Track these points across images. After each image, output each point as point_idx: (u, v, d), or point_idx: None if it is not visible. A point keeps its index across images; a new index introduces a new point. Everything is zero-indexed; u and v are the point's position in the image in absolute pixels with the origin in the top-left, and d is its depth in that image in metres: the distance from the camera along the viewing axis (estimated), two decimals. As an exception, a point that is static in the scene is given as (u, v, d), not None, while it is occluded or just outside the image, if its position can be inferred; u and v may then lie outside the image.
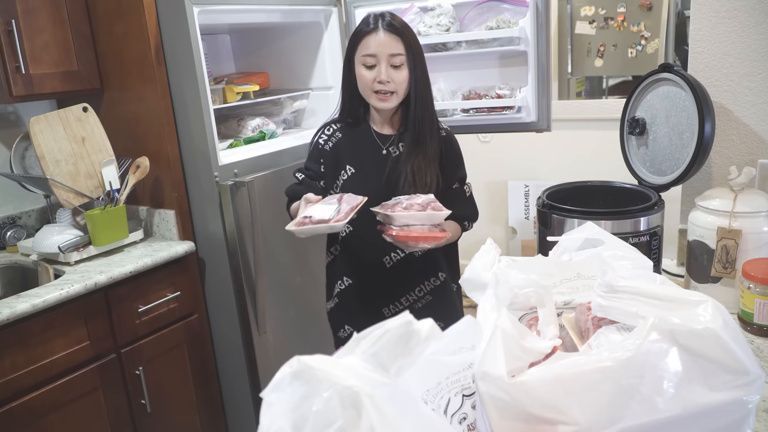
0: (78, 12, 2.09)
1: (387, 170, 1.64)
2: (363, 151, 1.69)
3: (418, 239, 1.45)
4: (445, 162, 1.68)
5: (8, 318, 1.63)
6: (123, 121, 2.18)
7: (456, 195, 1.70)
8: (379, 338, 0.56)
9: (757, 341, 1.24)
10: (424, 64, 1.64)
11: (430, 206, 1.46)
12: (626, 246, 0.86)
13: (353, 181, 1.68)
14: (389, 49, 1.56)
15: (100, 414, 1.89)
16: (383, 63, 1.57)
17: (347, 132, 1.72)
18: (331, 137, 1.73)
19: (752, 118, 1.61)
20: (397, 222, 1.45)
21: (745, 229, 1.38)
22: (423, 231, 1.45)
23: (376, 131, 1.70)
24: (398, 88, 1.59)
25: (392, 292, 1.73)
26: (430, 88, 1.68)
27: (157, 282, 2.05)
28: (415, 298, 1.73)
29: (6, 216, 2.25)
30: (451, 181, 1.70)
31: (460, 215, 1.69)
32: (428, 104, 1.65)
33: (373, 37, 1.57)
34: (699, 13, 1.64)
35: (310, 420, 0.51)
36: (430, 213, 1.44)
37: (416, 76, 1.60)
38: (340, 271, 1.78)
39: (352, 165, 1.69)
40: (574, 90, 3.33)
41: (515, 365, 0.62)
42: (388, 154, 1.67)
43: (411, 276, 1.71)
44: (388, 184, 1.63)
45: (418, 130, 1.64)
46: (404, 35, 1.58)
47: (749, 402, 0.59)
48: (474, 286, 0.85)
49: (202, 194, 2.14)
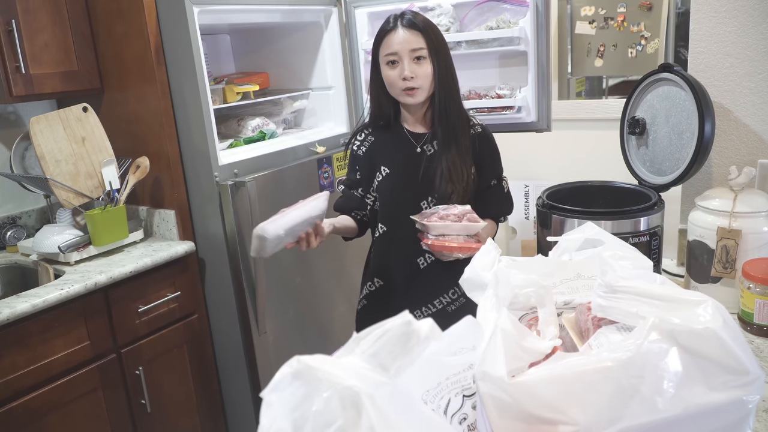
0: (78, 12, 2.09)
1: (422, 168, 1.64)
2: (397, 152, 1.68)
3: (452, 249, 1.49)
4: (482, 158, 1.66)
5: (8, 318, 1.63)
6: (123, 121, 2.18)
7: (495, 193, 1.70)
8: (379, 338, 0.56)
9: (757, 341, 1.24)
10: (448, 58, 1.62)
11: (466, 217, 1.49)
12: (626, 246, 0.86)
13: (388, 181, 1.68)
14: (409, 44, 1.56)
15: (100, 414, 1.89)
16: (406, 59, 1.56)
17: (379, 135, 1.72)
18: (363, 142, 1.74)
19: (752, 118, 1.61)
20: (433, 231, 1.49)
21: (745, 229, 1.38)
22: (458, 241, 1.49)
23: (409, 130, 1.69)
24: (423, 82, 1.58)
25: (425, 294, 1.69)
26: (457, 83, 1.66)
27: (157, 282, 2.05)
28: (449, 300, 1.68)
29: (6, 216, 2.25)
30: (490, 177, 1.68)
31: (497, 212, 1.71)
32: (455, 98, 1.63)
33: (393, 36, 1.57)
34: (699, 13, 1.64)
35: (310, 420, 0.51)
36: (466, 224, 1.48)
37: (440, 70, 1.58)
38: (372, 272, 1.76)
39: (386, 166, 1.68)
40: (574, 90, 3.33)
41: (515, 365, 0.62)
42: (423, 152, 1.66)
43: (445, 278, 1.66)
44: (424, 182, 1.63)
45: (448, 125, 1.62)
46: (424, 30, 1.56)
47: (749, 402, 0.59)
48: (474, 286, 0.85)
49: (202, 194, 2.14)
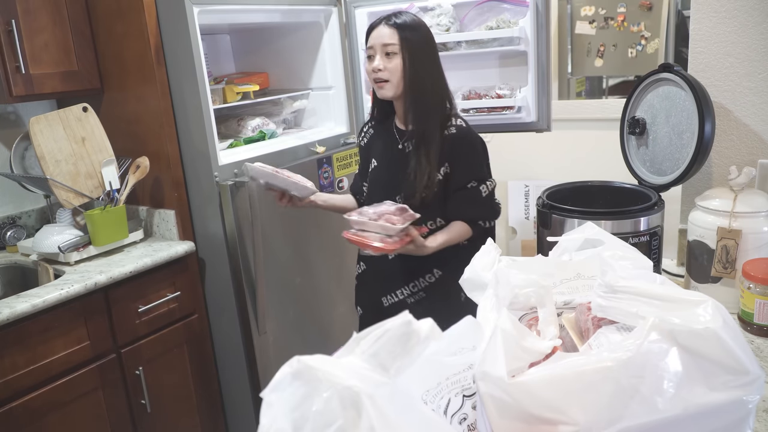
0: (78, 12, 2.09)
1: (400, 165, 1.72)
2: (385, 146, 1.80)
3: (365, 245, 1.58)
4: (455, 160, 1.67)
5: (8, 318, 1.63)
6: (123, 121, 2.18)
7: (468, 195, 1.69)
8: (379, 338, 0.56)
9: (757, 341, 1.24)
10: (424, 58, 1.65)
11: (384, 218, 1.57)
12: (626, 246, 0.86)
13: (375, 173, 1.82)
14: (382, 39, 1.64)
15: (100, 414, 1.89)
16: (378, 53, 1.65)
17: (377, 128, 1.86)
18: (365, 135, 1.90)
19: (752, 118, 1.61)
20: (354, 226, 1.61)
21: (745, 229, 1.38)
22: (372, 238, 1.57)
23: (398, 127, 1.78)
24: (391, 76, 1.64)
25: (391, 284, 1.80)
26: (438, 84, 1.68)
27: (157, 282, 2.05)
28: (409, 292, 1.78)
29: (6, 216, 2.25)
30: (463, 179, 1.68)
31: (471, 215, 1.69)
32: (426, 98, 1.65)
33: (374, 32, 1.67)
34: (699, 13, 1.64)
35: (310, 420, 0.51)
36: (382, 224, 1.56)
37: (410, 67, 1.62)
38: (359, 257, 1.92)
39: (376, 159, 1.82)
40: (574, 90, 3.33)
41: (515, 365, 0.62)
42: (403, 149, 1.74)
43: (407, 271, 1.76)
44: (402, 177, 1.70)
45: (418, 123, 1.66)
46: (400, 28, 1.63)
47: (749, 402, 0.59)
48: (474, 286, 0.85)
49: (202, 194, 2.14)
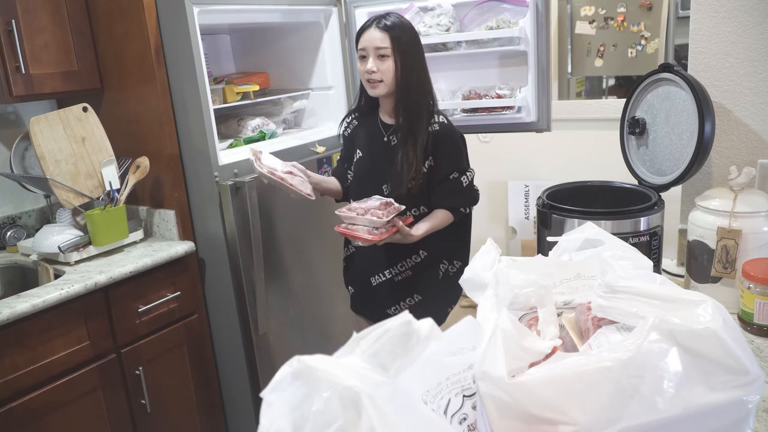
0: (78, 12, 2.09)
1: (385, 156, 1.83)
2: (370, 138, 1.89)
3: (355, 237, 1.70)
4: (438, 155, 1.80)
5: (8, 318, 1.63)
6: (123, 121, 2.18)
7: (451, 185, 1.82)
8: (379, 338, 0.56)
9: (757, 341, 1.24)
10: (415, 59, 1.77)
11: (370, 212, 1.68)
12: (626, 246, 0.86)
13: (360, 164, 1.91)
14: (374, 43, 1.74)
15: (100, 414, 1.89)
16: (371, 55, 1.75)
17: (362, 120, 1.95)
18: (349, 125, 1.99)
19: (752, 118, 1.61)
20: (345, 220, 1.72)
21: (745, 229, 1.38)
22: (360, 231, 1.68)
23: (382, 120, 1.89)
24: (384, 77, 1.76)
25: (380, 264, 1.91)
26: (424, 82, 1.80)
27: (157, 282, 2.05)
28: (397, 271, 1.89)
29: (6, 216, 2.25)
30: (446, 172, 1.81)
31: (452, 203, 1.83)
32: (416, 97, 1.77)
33: (365, 34, 1.77)
34: (699, 13, 1.64)
35: (310, 420, 0.51)
36: (369, 218, 1.67)
37: (402, 69, 1.74)
38: (346, 240, 2.02)
39: (361, 149, 1.92)
40: (574, 90, 3.33)
41: (515, 365, 0.62)
42: (388, 141, 1.85)
43: (394, 252, 1.87)
44: (387, 169, 1.81)
45: (407, 120, 1.78)
46: (392, 31, 1.74)
47: (749, 402, 0.59)
48: (474, 286, 0.85)
49: (202, 194, 2.14)
